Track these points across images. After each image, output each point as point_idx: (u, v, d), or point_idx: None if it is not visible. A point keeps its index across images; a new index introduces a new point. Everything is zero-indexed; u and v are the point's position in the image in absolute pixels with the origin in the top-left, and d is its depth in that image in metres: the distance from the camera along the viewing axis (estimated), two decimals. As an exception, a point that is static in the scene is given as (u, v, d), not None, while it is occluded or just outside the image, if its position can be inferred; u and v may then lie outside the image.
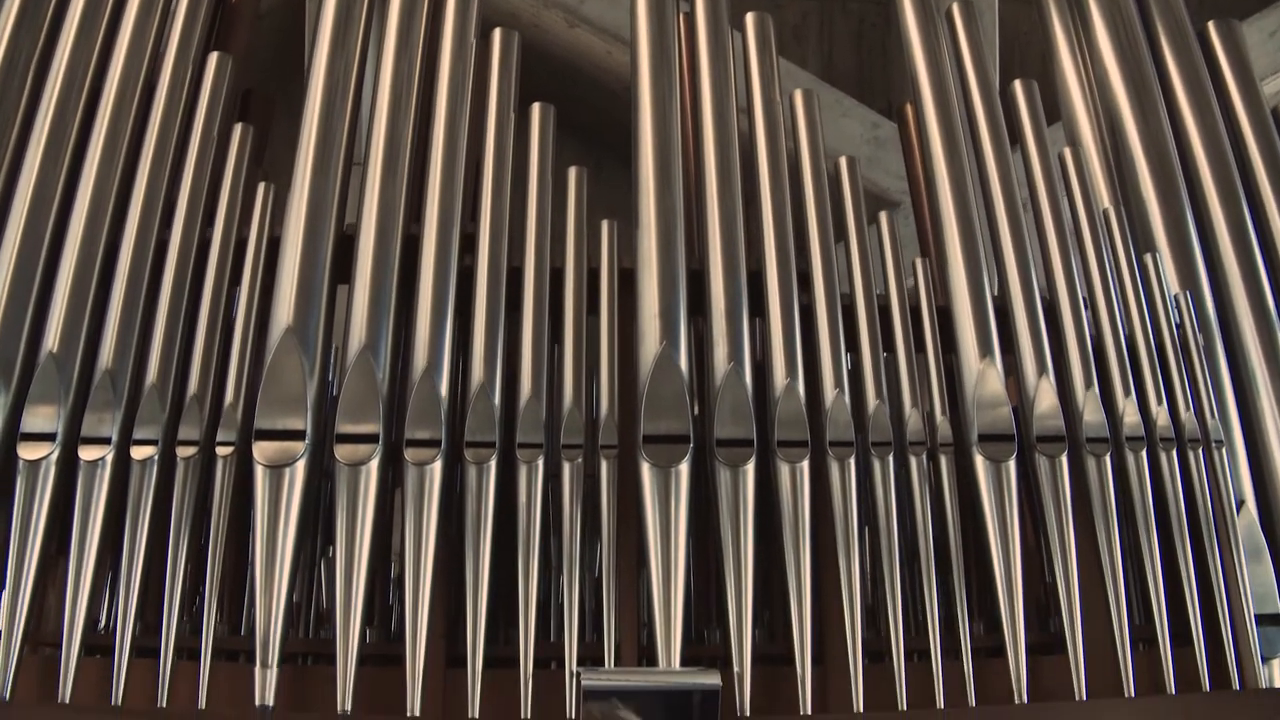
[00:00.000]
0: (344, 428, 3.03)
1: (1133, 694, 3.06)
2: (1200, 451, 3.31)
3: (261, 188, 3.40)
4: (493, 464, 3.01)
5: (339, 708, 2.87)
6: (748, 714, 2.87)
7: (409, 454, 3.01)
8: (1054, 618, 3.27)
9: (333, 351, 3.30)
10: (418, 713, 2.85)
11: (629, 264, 3.28)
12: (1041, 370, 3.27)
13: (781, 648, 3.05)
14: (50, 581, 3.20)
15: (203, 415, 3.14)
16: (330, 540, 3.11)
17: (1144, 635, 3.19)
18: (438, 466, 3.01)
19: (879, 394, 3.18)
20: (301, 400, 3.07)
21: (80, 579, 3.01)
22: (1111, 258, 3.52)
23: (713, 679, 2.71)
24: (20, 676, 2.97)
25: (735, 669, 2.89)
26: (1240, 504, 3.46)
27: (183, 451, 3.10)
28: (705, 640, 3.16)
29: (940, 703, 2.96)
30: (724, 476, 3.01)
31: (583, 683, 2.68)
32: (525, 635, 2.90)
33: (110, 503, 3.08)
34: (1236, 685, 3.14)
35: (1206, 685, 3.12)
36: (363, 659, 2.95)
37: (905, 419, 3.18)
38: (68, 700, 2.94)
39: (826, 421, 3.12)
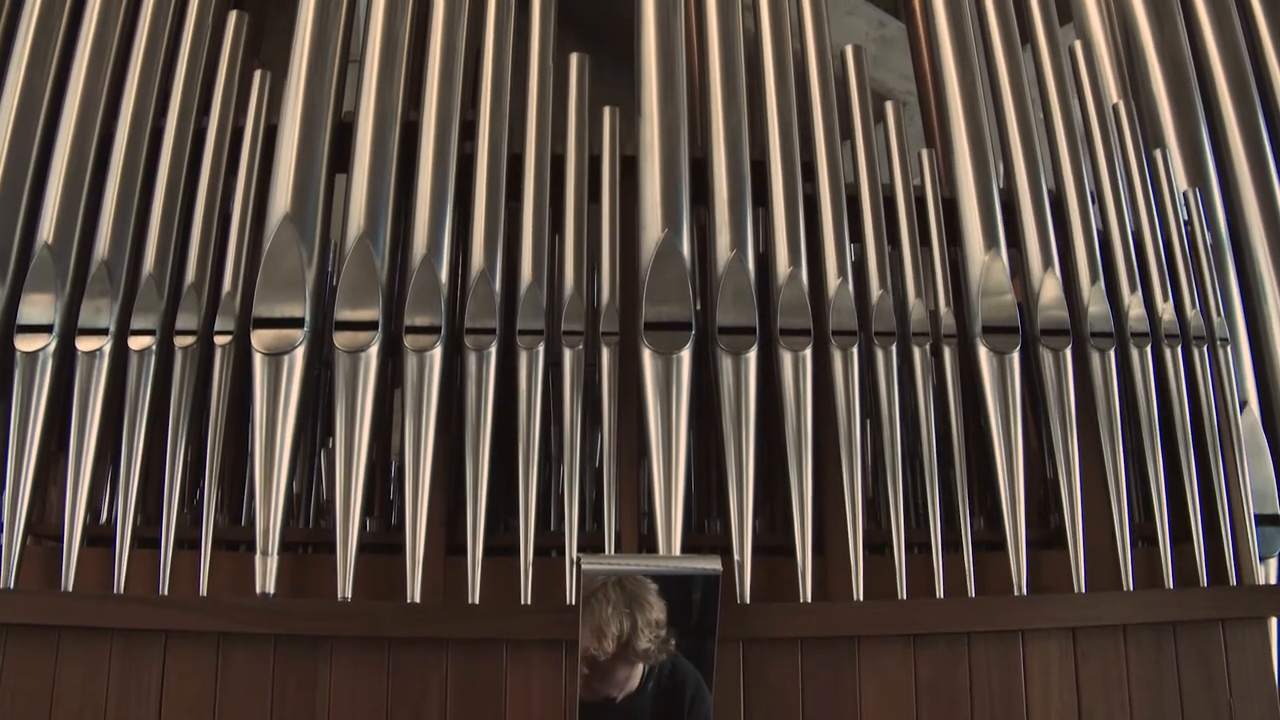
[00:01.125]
0: (343, 314, 3.00)
1: (1132, 588, 3.07)
2: (1205, 350, 3.30)
3: (258, 76, 3.34)
4: (493, 350, 2.99)
5: (339, 594, 2.88)
6: (748, 601, 2.88)
7: (408, 341, 2.99)
8: (1054, 514, 3.28)
9: (331, 246, 3.27)
10: (418, 599, 2.86)
11: (631, 152, 3.23)
12: (1047, 264, 3.24)
13: (782, 538, 3.05)
14: (52, 479, 3.21)
15: (200, 304, 3.11)
16: (330, 432, 3.10)
17: (1144, 533, 3.20)
18: (437, 353, 2.98)
19: (883, 285, 3.14)
20: (300, 288, 3.03)
21: (80, 471, 3.00)
22: (1120, 153, 3.47)
23: (713, 564, 2.71)
24: (23, 568, 2.99)
25: (736, 558, 2.90)
26: (1243, 404, 3.45)
27: (181, 341, 3.08)
28: (706, 530, 3.16)
29: (940, 593, 2.97)
30: (726, 364, 2.98)
31: (583, 568, 2.67)
32: (525, 524, 2.90)
33: (109, 394, 3.06)
34: (1234, 582, 3.16)
35: (1204, 581, 3.14)
36: (362, 547, 2.95)
37: (909, 310, 3.15)
38: (70, 589, 2.96)
39: (829, 310, 3.09)
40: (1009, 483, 3.04)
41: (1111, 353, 3.19)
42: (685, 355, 2.97)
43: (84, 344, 3.07)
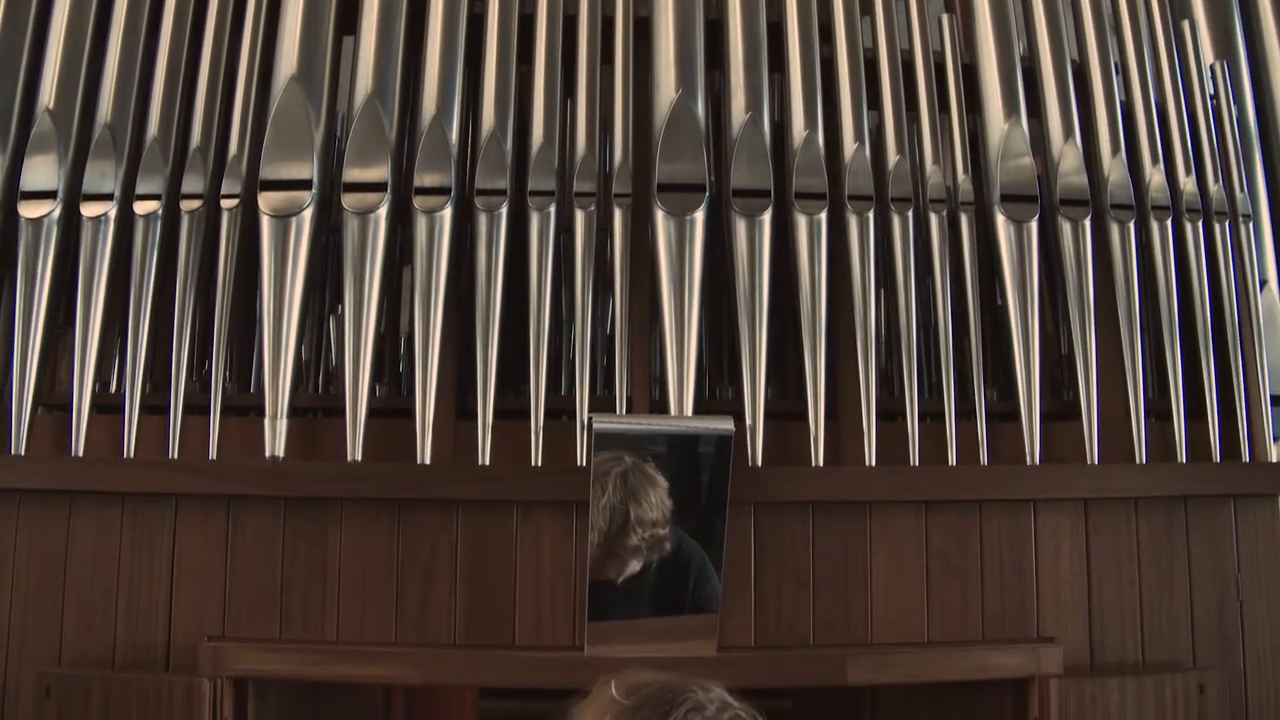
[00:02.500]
0: (351, 175, 2.95)
1: (1144, 462, 3.05)
2: (1226, 225, 3.24)
3: (264, -67, 3.24)
4: (504, 212, 2.94)
5: (349, 457, 2.87)
6: (759, 465, 2.86)
7: (418, 202, 2.94)
8: (1067, 389, 3.25)
9: (339, 117, 3.20)
10: (428, 461, 2.85)
11: (645, 14, 3.14)
12: (1068, 134, 3.17)
13: (794, 405, 3.02)
14: (60, 353, 3.18)
15: (206, 168, 3.06)
16: (339, 299, 3.07)
17: (1158, 409, 3.17)
18: (448, 214, 2.94)
19: (900, 151, 3.08)
20: (307, 149, 2.98)
21: (87, 338, 2.98)
22: (1147, 24, 3.36)
23: (726, 424, 2.69)
24: (34, 436, 2.98)
25: (748, 422, 2.88)
26: (1263, 283, 3.40)
27: (187, 205, 3.04)
28: (717, 397, 3.14)
29: (953, 462, 2.96)
30: (740, 228, 2.94)
31: (594, 427, 2.65)
32: (536, 387, 2.88)
33: (115, 260, 3.03)
34: (1247, 459, 3.14)
35: (1217, 457, 3.11)
36: (372, 412, 2.93)
37: (926, 175, 3.09)
38: (80, 455, 2.95)
39: (845, 174, 3.03)
40: (1024, 353, 3.01)
41: (1131, 225, 3.14)
42: (699, 217, 2.92)
43: (89, 209, 3.03)
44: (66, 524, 2.92)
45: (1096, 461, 3.03)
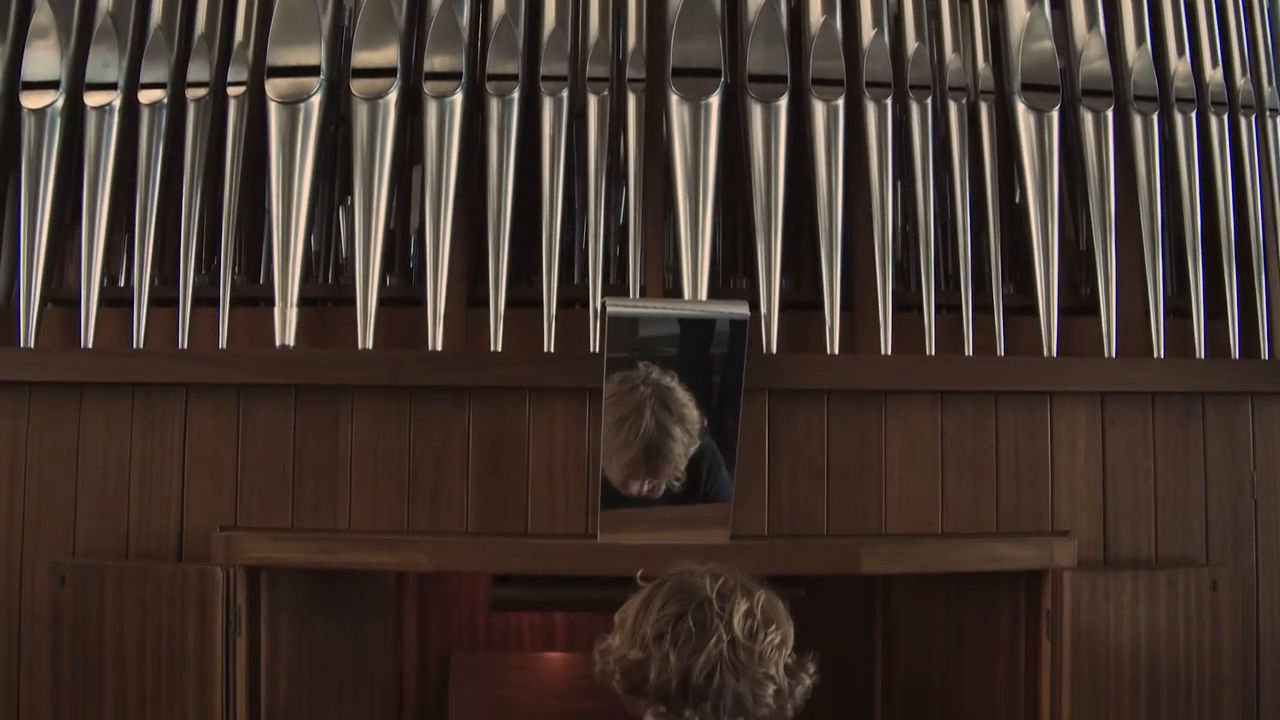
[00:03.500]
0: (360, 60, 2.90)
1: (1162, 356, 3.02)
2: (1253, 119, 3.17)
3: None
4: (515, 97, 2.89)
5: (359, 344, 2.85)
6: (774, 352, 2.84)
7: (428, 87, 2.89)
8: (1085, 285, 3.21)
9: (346, 3, 3.12)
10: (439, 347, 2.83)
11: (658, -107, 3.06)
12: (1092, 23, 3.09)
13: (809, 295, 2.99)
14: (68, 252, 3.15)
15: (212, 55, 3.01)
16: (349, 190, 3.03)
17: (1176, 307, 3.12)
18: (458, 100, 2.88)
19: (920, 38, 3.01)
20: (315, 34, 2.93)
21: (94, 232, 2.95)
22: (1175, -92, 3.27)
23: (741, 308, 2.66)
24: (42, 331, 2.97)
25: (763, 310, 2.85)
26: (1289, 178, 3.33)
27: (193, 94, 2.99)
28: (731, 287, 3.10)
29: (969, 353, 2.93)
30: (756, 114, 2.88)
31: (608, 310, 2.62)
32: (548, 274, 2.85)
33: (120, 151, 2.99)
34: (1266, 356, 3.10)
35: (1236, 354, 3.08)
36: (383, 301, 2.91)
37: (945, 63, 3.02)
38: (89, 347, 2.93)
39: (863, 61, 2.96)
40: (1042, 244, 2.96)
41: (1154, 117, 3.07)
42: (714, 103, 2.87)
43: (92, 99, 2.99)
44: (77, 416, 2.92)
45: (1114, 356, 3.00)
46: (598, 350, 2.73)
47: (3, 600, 2.88)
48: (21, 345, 2.94)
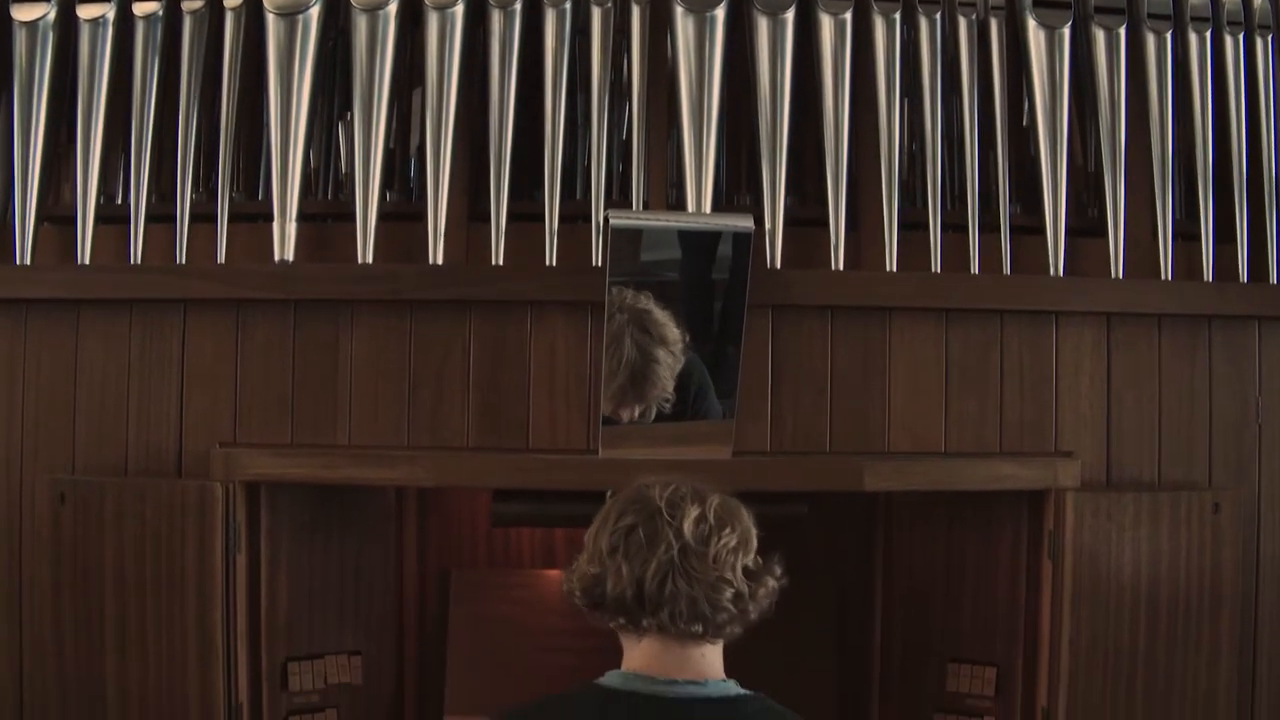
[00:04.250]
0: (359, -31, 2.84)
1: (1170, 278, 2.99)
2: (1270, 40, 3.11)
3: None
4: (518, 8, 2.83)
5: (359, 259, 2.82)
6: (779, 266, 2.81)
7: (429, -2, 2.84)
8: (1093, 207, 3.17)
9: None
10: (440, 261, 2.80)
11: None
12: (1105, -62, 3.03)
13: (814, 212, 2.95)
14: (64, 173, 3.11)
15: (208, -36, 2.95)
16: (348, 105, 2.98)
17: (1185, 231, 3.09)
18: (460, 11, 2.82)
19: (929, -50, 2.95)
20: (313, -59, 2.86)
21: (89, 149, 2.91)
22: None
23: (746, 222, 2.63)
24: (39, 246, 2.93)
25: (767, 226, 2.82)
26: (1305, 98, 3.27)
27: (189, 5, 2.93)
28: (735, 204, 3.06)
29: (975, 271, 2.90)
30: (762, 26, 2.83)
31: (611, 223, 2.59)
32: (550, 189, 2.81)
33: (115, 65, 2.94)
34: (1275, 280, 3.07)
35: (1244, 277, 3.05)
36: (383, 216, 2.87)
37: (955, -25, 2.97)
38: (86, 263, 2.91)
39: (872, -29, 2.91)
40: (1051, 165, 2.92)
41: (1168, 36, 3.01)
42: (719, 15, 2.81)
43: (85, 11, 2.93)
44: (75, 333, 2.90)
45: (1121, 275, 2.97)
46: (600, 265, 2.71)
47: (3, 518, 2.88)
48: (18, 263, 2.91)
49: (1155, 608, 2.78)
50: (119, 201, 3.11)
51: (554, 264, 2.80)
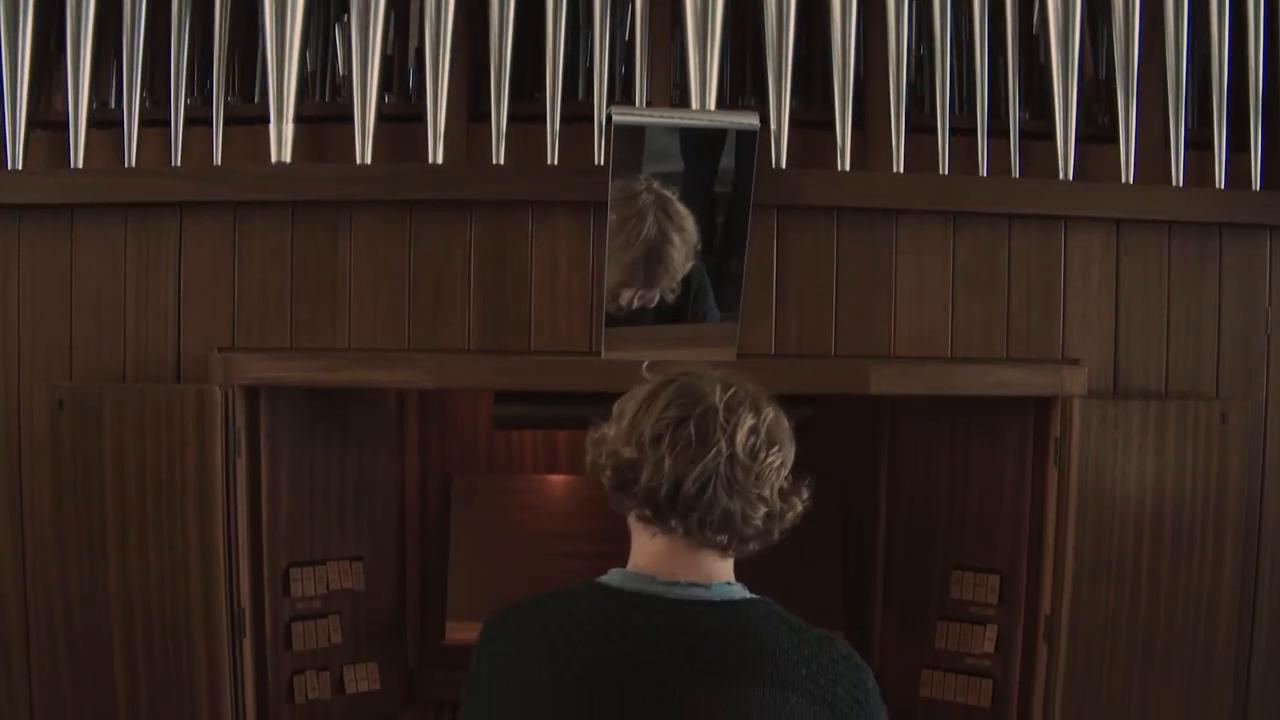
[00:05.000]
0: None
1: (1181, 184, 2.94)
2: (1289, -61, 3.05)
3: None
4: (519, -98, 2.77)
5: (358, 159, 2.77)
6: (784, 167, 2.76)
7: (428, -112, 2.76)
8: (1103, 114, 3.12)
9: None
10: (439, 160, 2.75)
11: None
12: None
13: (820, 114, 2.90)
14: (55, 85, 3.05)
15: None
16: (345, 8, 2.91)
17: (1197, 140, 3.03)
18: (458, -94, 2.76)
19: None
20: None
21: (80, 51, 2.84)
22: None
23: (751, 119, 2.58)
24: (30, 155, 2.89)
25: (772, 127, 2.77)
26: (1323, 9, 3.21)
27: (182, -99, 2.86)
28: (740, 105, 3.01)
29: (983, 173, 2.85)
30: (771, -80, 2.76)
31: (614, 120, 2.54)
32: (552, 88, 2.76)
33: (105, -35, 2.87)
34: (1287, 189, 3.03)
35: (1258, 185, 3.00)
36: (382, 118, 2.82)
37: None
38: (80, 166, 2.86)
39: None
40: (1062, 68, 2.86)
41: (1186, -68, 2.95)
42: (726, -92, 2.74)
43: (74, -92, 2.85)
44: (69, 239, 2.86)
45: (1132, 181, 2.92)
46: (603, 164, 2.66)
47: (1, 427, 2.85)
48: (9, 168, 2.86)
49: (1160, 517, 2.77)
50: (111, 107, 3.05)
51: (556, 162, 2.75)
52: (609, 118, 2.58)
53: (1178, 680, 2.80)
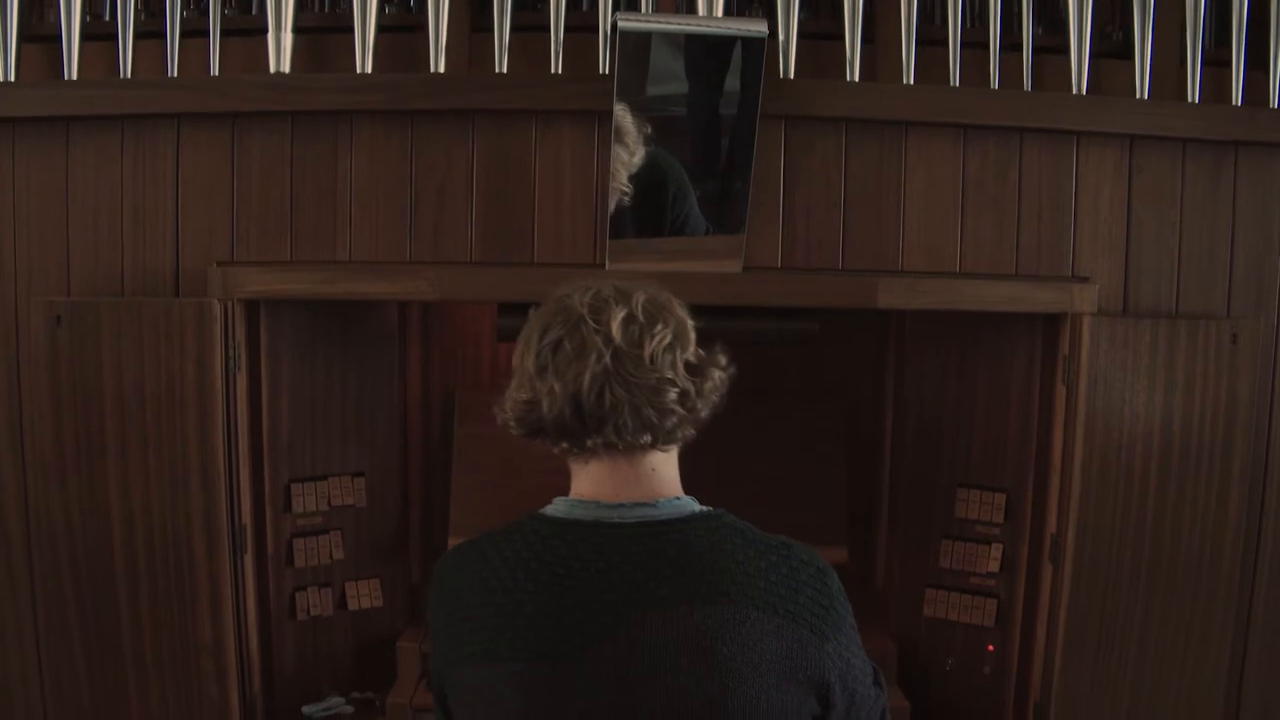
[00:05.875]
0: None
1: (1197, 100, 2.89)
2: None
3: None
4: None
5: (358, 68, 2.72)
6: (792, 76, 2.71)
7: None
8: (1116, 31, 3.05)
9: None
10: (442, 69, 2.70)
11: None
12: None
13: (829, 27, 2.84)
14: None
15: None
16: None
17: (1214, 59, 2.98)
18: None
19: None
20: None
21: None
22: None
23: (759, 26, 2.52)
24: (23, 65, 2.83)
25: (780, 37, 2.71)
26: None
27: None
28: (748, 14, 2.95)
29: (995, 86, 2.80)
30: None
31: (619, 26, 2.49)
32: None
33: None
34: (1306, 107, 2.97)
35: (1275, 103, 2.95)
36: (382, 28, 2.77)
37: None
38: (74, 77, 2.81)
39: None
40: (1078, -22, 2.80)
41: None
42: None
43: None
44: (65, 152, 2.81)
45: (1147, 96, 2.87)
46: (607, 72, 2.60)
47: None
48: (2, 80, 2.81)
49: (1168, 436, 2.74)
50: (105, 19, 2.99)
51: (559, 71, 2.69)
52: (614, 25, 2.52)
53: (1181, 601, 2.79)
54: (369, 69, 2.71)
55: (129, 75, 2.82)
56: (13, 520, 2.87)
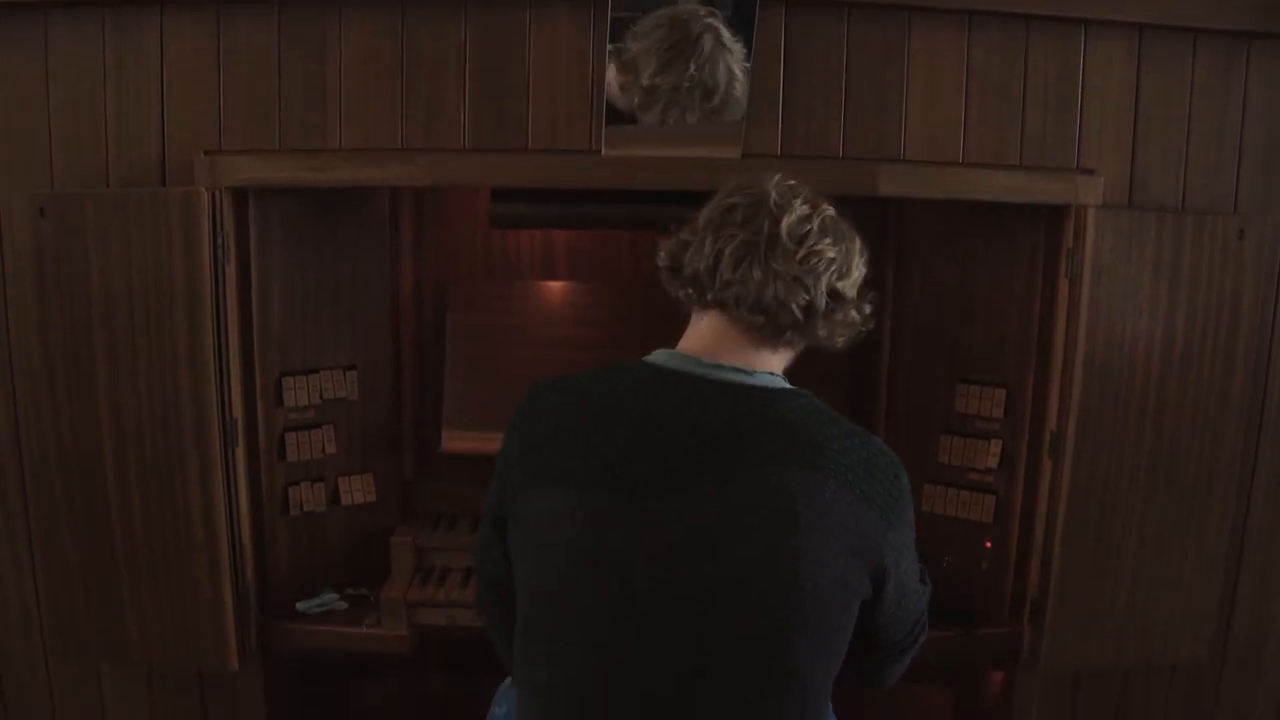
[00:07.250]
0: None
1: (1210, -10, 2.81)
2: None
3: None
4: None
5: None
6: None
7: None
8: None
9: None
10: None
11: None
12: None
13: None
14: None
15: None
16: None
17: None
18: None
19: None
20: None
21: None
22: None
23: (761, -101, 2.44)
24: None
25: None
26: None
27: None
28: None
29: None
30: None
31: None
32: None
33: None
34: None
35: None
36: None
37: None
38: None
39: None
40: None
41: None
42: None
43: None
44: (44, 40, 2.73)
45: (1156, -12, 2.79)
46: (604, -48, 2.53)
47: (-18, 237, 2.78)
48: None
49: (1172, 332, 2.71)
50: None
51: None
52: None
53: (1180, 499, 2.78)
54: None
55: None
56: (2, 425, 2.83)
